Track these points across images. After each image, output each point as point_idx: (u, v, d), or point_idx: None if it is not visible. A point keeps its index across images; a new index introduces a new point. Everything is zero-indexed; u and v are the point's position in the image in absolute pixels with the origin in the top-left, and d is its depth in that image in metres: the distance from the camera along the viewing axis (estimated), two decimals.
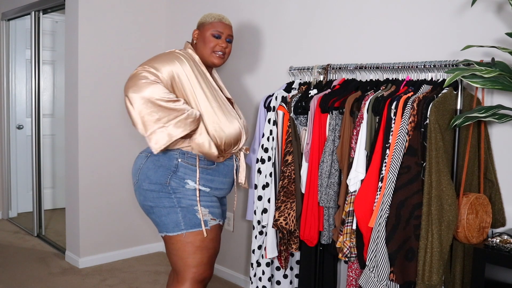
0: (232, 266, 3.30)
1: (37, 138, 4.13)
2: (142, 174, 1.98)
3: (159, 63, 1.92)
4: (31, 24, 4.08)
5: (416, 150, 1.85)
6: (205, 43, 2.07)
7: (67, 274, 3.33)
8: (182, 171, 1.95)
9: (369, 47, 2.43)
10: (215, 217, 2.01)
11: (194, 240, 1.94)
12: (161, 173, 1.95)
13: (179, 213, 1.94)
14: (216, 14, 2.11)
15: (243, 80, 3.13)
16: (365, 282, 1.95)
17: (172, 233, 1.94)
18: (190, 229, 1.93)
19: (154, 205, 1.96)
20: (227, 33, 2.10)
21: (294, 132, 2.35)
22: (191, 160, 1.96)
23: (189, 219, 1.93)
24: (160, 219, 1.96)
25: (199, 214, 1.94)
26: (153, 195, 1.95)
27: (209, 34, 2.07)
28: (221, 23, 2.09)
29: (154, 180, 1.95)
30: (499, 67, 1.68)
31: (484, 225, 1.92)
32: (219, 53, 2.07)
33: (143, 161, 2.00)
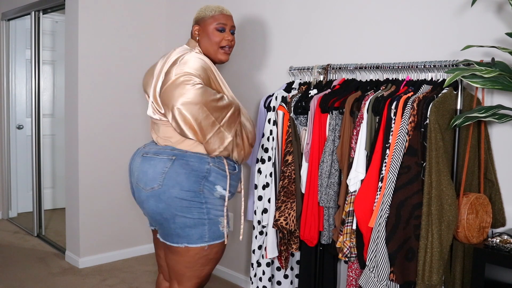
0: (232, 266, 3.30)
1: (37, 138, 4.13)
2: (170, 180, 1.81)
3: (192, 66, 1.81)
4: (31, 24, 4.08)
5: (416, 150, 1.85)
6: (210, 39, 1.96)
7: (67, 274, 3.33)
8: (213, 176, 1.86)
9: (369, 47, 2.43)
10: (229, 226, 1.95)
11: (210, 252, 1.87)
12: (194, 179, 1.82)
13: (206, 225, 1.84)
14: (214, 6, 2.00)
15: (243, 80, 3.13)
16: (365, 282, 1.95)
17: (194, 245, 1.84)
18: (213, 241, 1.85)
19: (180, 214, 1.82)
20: (230, 24, 2.00)
21: (294, 132, 2.35)
22: (221, 165, 1.88)
23: (213, 232, 1.85)
24: (182, 230, 1.83)
25: (221, 226, 1.88)
26: (183, 203, 1.81)
27: (213, 28, 1.96)
28: (222, 15, 1.98)
29: (187, 187, 1.81)
30: (499, 67, 1.68)
31: (484, 225, 1.92)
32: (226, 48, 1.98)
33: (167, 164, 1.83)
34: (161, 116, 1.89)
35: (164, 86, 1.80)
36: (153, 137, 2.01)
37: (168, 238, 1.88)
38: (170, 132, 1.88)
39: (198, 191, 1.83)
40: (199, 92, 1.74)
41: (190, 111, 1.74)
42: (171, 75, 1.79)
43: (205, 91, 1.76)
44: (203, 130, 1.77)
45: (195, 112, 1.74)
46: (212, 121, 1.77)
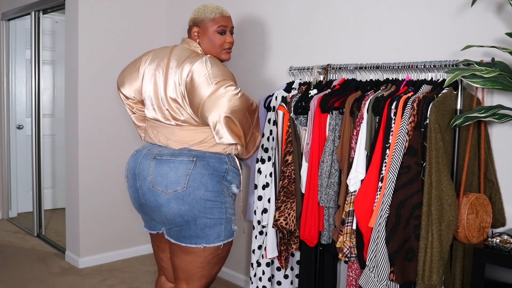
0: (232, 266, 3.29)
1: (37, 138, 4.13)
2: (195, 181, 1.80)
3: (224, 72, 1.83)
4: (31, 24, 4.08)
5: (416, 150, 1.85)
6: (211, 41, 1.95)
7: (67, 274, 3.33)
8: (230, 176, 1.89)
9: (369, 47, 2.43)
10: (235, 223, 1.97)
11: (222, 250, 1.89)
12: (216, 179, 1.84)
13: (223, 224, 1.86)
14: (213, 7, 1.97)
15: (243, 80, 3.13)
16: (365, 282, 1.95)
17: (212, 244, 1.84)
18: (227, 239, 1.88)
19: (202, 215, 1.81)
20: (230, 25, 2.00)
21: (294, 132, 2.35)
22: (235, 164, 1.91)
23: (228, 230, 1.88)
24: (202, 231, 1.82)
25: (233, 224, 1.91)
26: (207, 204, 1.82)
27: (213, 31, 1.94)
28: (223, 17, 1.97)
29: (211, 187, 1.82)
30: (499, 67, 1.68)
31: (484, 225, 1.92)
32: (228, 48, 2.00)
33: (189, 166, 1.81)
34: (178, 122, 1.88)
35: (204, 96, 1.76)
36: (158, 139, 1.95)
37: (185, 240, 1.85)
38: (188, 136, 1.88)
39: (220, 191, 1.85)
40: (243, 98, 1.80)
41: (237, 118, 1.78)
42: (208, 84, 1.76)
43: (246, 97, 1.82)
44: (245, 135, 1.84)
45: (240, 118, 1.79)
46: (249, 125, 1.85)
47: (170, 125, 1.91)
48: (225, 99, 1.75)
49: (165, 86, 1.87)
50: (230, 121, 1.76)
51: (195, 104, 1.80)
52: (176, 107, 1.86)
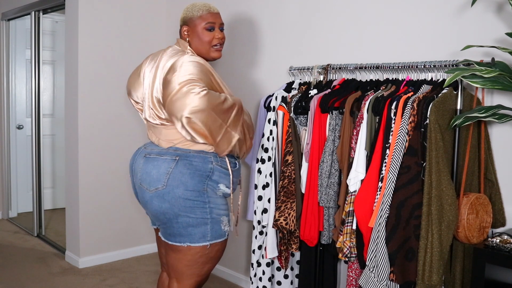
0: (232, 266, 3.29)
1: (37, 138, 4.13)
2: (175, 180, 1.84)
3: (193, 72, 1.81)
4: (31, 24, 4.08)
5: (416, 150, 1.85)
6: (200, 39, 1.97)
7: (67, 274, 3.33)
8: (216, 175, 1.89)
9: (369, 47, 2.43)
10: (230, 224, 1.98)
11: (211, 251, 1.90)
12: (198, 179, 1.85)
13: (209, 225, 1.87)
14: (201, 5, 1.99)
15: (243, 80, 3.13)
16: (365, 282, 1.95)
17: (197, 244, 1.87)
18: (214, 240, 1.89)
19: (183, 214, 1.85)
20: (219, 22, 2.01)
21: (294, 132, 2.35)
22: (223, 163, 1.91)
23: (215, 231, 1.89)
24: (185, 230, 1.86)
25: (223, 224, 1.91)
26: (187, 203, 1.84)
27: (202, 28, 1.96)
28: (210, 14, 1.98)
29: (191, 186, 1.84)
30: (499, 67, 1.68)
31: (484, 225, 1.92)
32: (218, 46, 2.00)
33: (171, 165, 1.85)
34: (162, 121, 1.91)
35: (168, 96, 1.78)
36: (152, 139, 2.01)
37: (171, 238, 1.90)
38: (173, 135, 1.91)
39: (202, 191, 1.86)
40: (205, 98, 1.75)
41: (199, 118, 1.75)
42: (174, 84, 1.77)
43: (210, 96, 1.77)
44: (213, 134, 1.79)
45: (204, 118, 1.75)
46: (220, 124, 1.80)
47: (157, 124, 1.95)
48: (186, 99, 1.74)
49: (152, 86, 1.90)
50: (192, 122, 1.75)
51: (164, 103, 1.83)
52: (159, 106, 1.88)
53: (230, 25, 3.18)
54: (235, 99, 1.90)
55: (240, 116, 1.89)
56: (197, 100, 1.73)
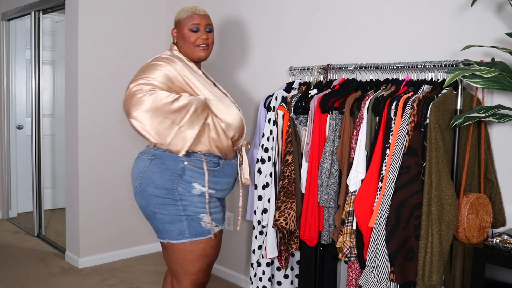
0: (232, 266, 3.30)
1: (37, 138, 4.13)
2: (146, 178, 1.90)
3: (149, 72, 1.88)
4: (31, 24, 4.08)
5: (416, 150, 1.85)
6: (185, 40, 2.02)
7: (67, 274, 3.33)
8: (188, 175, 1.89)
9: (369, 47, 2.43)
10: (218, 223, 1.97)
11: (196, 248, 1.91)
12: (167, 177, 1.88)
13: (184, 222, 1.89)
14: (189, 7, 2.04)
15: (243, 80, 3.13)
16: (365, 282, 1.95)
17: (176, 241, 1.90)
18: (194, 238, 1.90)
19: (158, 211, 1.90)
20: (205, 23, 2.03)
21: (294, 132, 2.35)
22: (198, 163, 1.90)
23: (193, 228, 1.89)
24: (163, 226, 1.91)
25: (204, 223, 1.90)
26: (158, 200, 1.89)
27: (187, 29, 2.01)
28: (196, 15, 2.02)
29: (160, 184, 1.88)
30: (499, 67, 1.68)
31: (484, 225, 1.92)
32: (203, 45, 2.02)
33: (146, 164, 1.93)
34: None
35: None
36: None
37: (156, 234, 2.00)
38: None
39: (171, 189, 1.88)
40: (150, 99, 1.79)
41: (143, 119, 1.79)
42: (128, 85, 1.87)
43: (156, 97, 1.80)
44: (161, 135, 1.81)
45: (148, 119, 1.79)
46: (170, 124, 1.81)
47: None
48: (132, 100, 1.81)
49: None
50: (138, 121, 1.80)
51: None
52: None
53: (230, 26, 3.18)
54: (193, 99, 1.86)
55: (200, 115, 1.86)
56: (142, 100, 1.78)
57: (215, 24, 3.26)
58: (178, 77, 1.92)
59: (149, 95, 1.79)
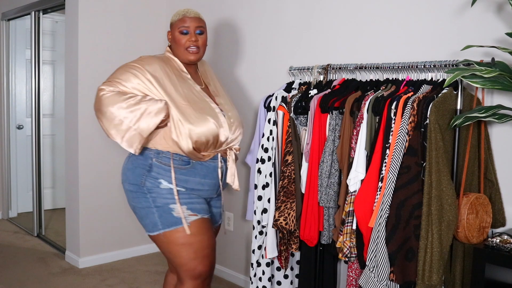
0: (232, 266, 3.30)
1: (37, 138, 4.13)
2: (123, 175, 2.03)
3: (118, 73, 1.97)
4: (31, 24, 4.08)
5: (416, 150, 1.85)
6: (176, 42, 2.05)
7: (67, 274, 3.33)
8: (155, 171, 1.94)
9: (369, 47, 2.43)
10: (196, 212, 1.97)
11: (174, 238, 1.93)
12: (137, 173, 1.97)
13: (155, 213, 1.94)
14: (181, 10, 2.07)
15: (243, 80, 3.13)
16: (365, 282, 1.95)
17: (152, 233, 1.96)
18: (168, 228, 1.93)
19: (134, 205, 2.00)
20: (195, 25, 2.04)
21: (294, 132, 2.35)
22: (165, 160, 1.95)
23: (165, 219, 1.93)
24: (141, 220, 2.00)
25: (175, 212, 1.93)
26: (132, 195, 1.99)
27: (177, 32, 2.04)
28: (186, 18, 2.04)
29: (132, 180, 1.98)
30: (499, 67, 1.68)
31: (484, 225, 1.92)
32: (192, 48, 2.03)
33: (125, 161, 2.05)
34: None
35: None
36: None
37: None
38: None
39: (140, 184, 1.96)
40: (107, 98, 1.89)
41: (102, 118, 1.91)
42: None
43: (113, 97, 1.88)
44: (116, 134, 1.90)
45: (106, 118, 1.90)
46: (123, 124, 1.88)
47: None
48: (95, 98, 1.94)
49: None
50: (99, 119, 1.93)
51: None
52: None
53: (230, 26, 3.18)
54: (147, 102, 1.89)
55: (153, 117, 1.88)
56: (100, 100, 1.90)
57: (215, 25, 3.26)
58: (144, 79, 1.94)
59: (108, 96, 1.89)
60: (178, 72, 2.04)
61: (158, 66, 1.99)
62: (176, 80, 2.00)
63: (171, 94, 1.95)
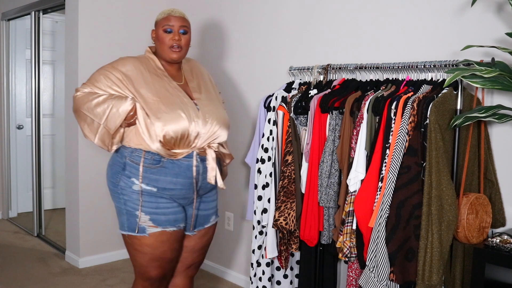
0: (232, 266, 3.30)
1: (37, 138, 4.13)
2: (106, 172, 2.09)
3: (95, 74, 2.04)
4: (31, 24, 4.08)
5: (416, 150, 1.85)
6: (159, 41, 2.06)
7: (67, 274, 3.33)
8: (128, 170, 1.97)
9: (369, 47, 2.43)
10: (157, 224, 1.96)
11: (132, 242, 2.00)
12: (114, 171, 2.02)
13: (125, 215, 1.99)
14: (166, 9, 2.10)
15: (243, 80, 3.13)
16: (365, 282, 1.95)
17: (121, 231, 2.04)
18: (131, 232, 1.98)
19: (113, 201, 2.07)
20: (179, 25, 2.05)
21: (294, 132, 2.35)
22: (136, 158, 1.96)
23: (130, 223, 1.98)
24: (117, 216, 2.07)
25: (140, 220, 1.96)
26: (111, 192, 2.06)
27: (161, 30, 2.05)
28: (170, 17, 2.06)
29: (110, 177, 2.04)
30: (499, 67, 1.68)
31: (484, 225, 1.92)
32: (175, 46, 2.03)
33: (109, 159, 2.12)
34: None
35: None
36: None
37: None
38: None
39: (116, 182, 2.01)
40: (79, 98, 1.98)
41: (76, 116, 2.01)
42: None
43: (83, 97, 1.96)
44: (89, 133, 1.98)
45: (80, 118, 1.99)
46: (94, 122, 1.95)
47: None
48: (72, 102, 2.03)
49: None
50: (75, 117, 2.02)
51: None
52: None
53: (230, 26, 3.18)
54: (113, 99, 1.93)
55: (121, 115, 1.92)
56: (74, 101, 2.01)
57: (215, 25, 3.26)
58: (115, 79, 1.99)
59: (80, 96, 1.98)
60: (154, 70, 2.06)
61: (131, 66, 2.03)
62: (150, 78, 2.01)
63: (140, 91, 1.96)
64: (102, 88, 1.98)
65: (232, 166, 3.20)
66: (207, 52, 3.36)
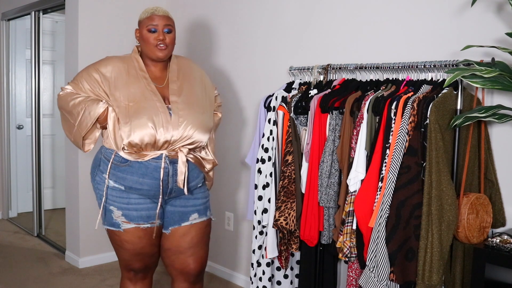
0: (232, 266, 3.29)
1: (37, 138, 4.13)
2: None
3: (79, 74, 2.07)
4: (31, 24, 4.08)
5: (416, 150, 1.85)
6: (143, 40, 2.06)
7: (67, 274, 3.33)
8: (102, 166, 2.03)
9: (369, 47, 2.43)
10: (130, 219, 1.98)
11: (112, 237, 2.07)
12: (92, 166, 2.09)
13: (103, 210, 2.04)
14: (150, 8, 2.08)
15: (243, 80, 3.13)
16: (365, 282, 1.95)
17: (103, 226, 2.07)
18: (108, 226, 2.04)
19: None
20: (163, 23, 2.03)
21: (294, 132, 2.35)
22: (109, 155, 2.01)
23: (107, 217, 2.03)
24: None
25: (114, 215, 2.00)
26: (92, 187, 2.10)
27: (145, 30, 2.04)
28: (154, 16, 2.03)
29: (91, 172, 2.10)
30: (499, 67, 1.68)
31: (484, 225, 1.92)
32: (160, 45, 2.02)
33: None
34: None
35: None
36: None
37: None
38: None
39: (93, 177, 2.08)
40: (60, 98, 2.05)
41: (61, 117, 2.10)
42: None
43: (63, 97, 2.03)
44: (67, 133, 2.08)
45: (61, 117, 2.10)
46: (70, 123, 2.03)
47: None
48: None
49: None
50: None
51: None
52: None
53: (229, 25, 3.18)
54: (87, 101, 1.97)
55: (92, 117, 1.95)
56: (58, 98, 2.08)
57: (215, 25, 3.26)
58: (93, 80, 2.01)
59: (62, 95, 2.04)
60: (135, 71, 2.05)
61: (112, 67, 2.03)
62: (129, 79, 2.01)
63: (115, 94, 1.97)
64: (83, 88, 2.01)
65: (232, 166, 3.20)
66: (208, 52, 3.36)
